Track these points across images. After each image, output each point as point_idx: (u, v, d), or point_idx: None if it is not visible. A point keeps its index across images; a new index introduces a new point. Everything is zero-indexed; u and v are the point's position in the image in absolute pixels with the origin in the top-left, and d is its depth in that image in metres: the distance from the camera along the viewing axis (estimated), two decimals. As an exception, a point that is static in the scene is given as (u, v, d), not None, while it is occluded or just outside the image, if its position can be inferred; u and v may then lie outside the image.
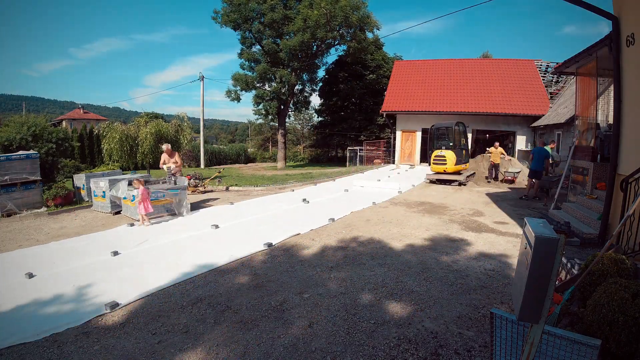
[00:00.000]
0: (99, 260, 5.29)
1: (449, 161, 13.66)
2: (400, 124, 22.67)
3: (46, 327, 3.40)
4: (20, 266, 5.03)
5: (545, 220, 1.65)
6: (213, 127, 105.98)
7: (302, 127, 51.82)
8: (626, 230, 4.10)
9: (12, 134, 11.16)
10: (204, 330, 3.36)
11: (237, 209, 9.23)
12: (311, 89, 30.62)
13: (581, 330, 2.55)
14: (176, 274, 4.70)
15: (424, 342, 3.11)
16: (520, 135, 19.99)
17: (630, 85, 5.41)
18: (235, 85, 25.92)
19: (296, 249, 5.72)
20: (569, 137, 13.70)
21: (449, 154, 13.73)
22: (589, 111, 8.07)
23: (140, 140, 13.93)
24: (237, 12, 24.00)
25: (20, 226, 7.65)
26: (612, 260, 3.07)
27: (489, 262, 5.08)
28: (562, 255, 1.48)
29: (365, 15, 23.73)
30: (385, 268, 4.85)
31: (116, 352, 3.03)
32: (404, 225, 7.23)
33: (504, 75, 21.79)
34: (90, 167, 21.04)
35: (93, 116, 51.84)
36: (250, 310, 3.72)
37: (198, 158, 31.15)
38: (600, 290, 2.62)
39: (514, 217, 8.03)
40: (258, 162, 41.54)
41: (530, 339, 1.67)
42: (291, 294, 4.09)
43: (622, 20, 5.50)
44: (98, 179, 9.22)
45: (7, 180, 8.64)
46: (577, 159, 8.37)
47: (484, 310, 3.64)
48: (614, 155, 5.71)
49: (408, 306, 3.77)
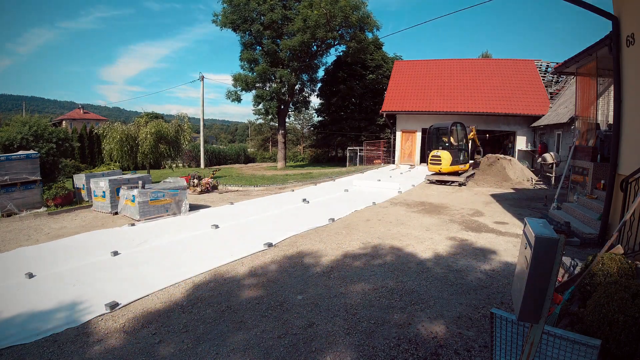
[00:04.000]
0: (99, 260, 5.29)
1: (443, 161, 13.75)
2: (400, 124, 22.67)
3: (46, 327, 3.40)
4: (20, 266, 5.03)
5: (545, 220, 1.65)
6: (213, 127, 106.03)
7: (302, 127, 51.82)
8: (626, 230, 4.10)
9: (13, 133, 11.15)
10: (204, 330, 3.36)
11: (237, 209, 9.23)
12: (311, 89, 30.63)
13: (581, 330, 2.54)
14: (176, 274, 4.70)
15: (424, 342, 3.11)
16: (521, 135, 19.99)
17: (630, 85, 5.41)
18: (235, 86, 25.94)
19: (296, 249, 5.72)
20: (568, 137, 13.71)
21: (444, 154, 13.80)
22: (589, 111, 8.07)
23: (141, 140, 13.93)
24: (237, 13, 23.99)
25: (20, 226, 7.65)
26: (612, 260, 3.07)
27: (489, 262, 5.08)
28: (562, 255, 1.48)
29: (365, 15, 23.72)
30: (385, 268, 4.85)
31: (116, 352, 3.03)
32: (404, 225, 7.23)
33: (504, 75, 21.80)
34: (90, 167, 21.03)
35: (93, 116, 51.92)
36: (250, 310, 3.72)
37: (198, 158, 31.14)
38: (600, 290, 2.62)
39: (514, 217, 8.03)
40: (258, 162, 41.51)
41: (530, 339, 1.67)
42: (291, 294, 4.08)
43: (622, 20, 5.50)
44: (98, 179, 9.22)
45: (7, 180, 8.64)
46: (577, 159, 8.37)
47: (484, 310, 3.64)
48: (614, 155, 5.71)
49: (408, 306, 3.77)
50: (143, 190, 8.05)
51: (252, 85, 25.81)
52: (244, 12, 23.95)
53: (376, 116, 30.61)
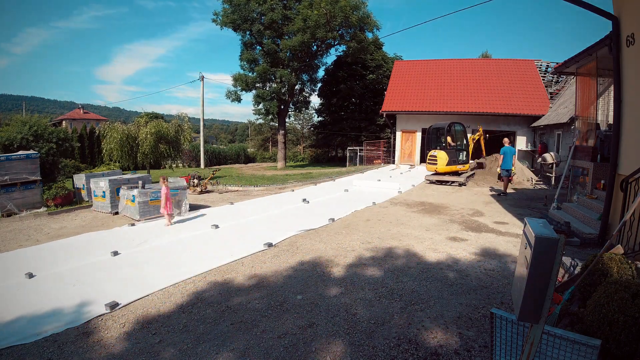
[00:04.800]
0: (99, 260, 5.30)
1: (439, 161, 13.77)
2: (400, 124, 22.67)
3: (46, 327, 3.40)
4: (21, 266, 5.03)
5: (545, 220, 1.65)
6: (213, 127, 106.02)
7: (302, 127, 51.82)
8: (626, 230, 4.10)
9: (13, 133, 11.16)
10: (204, 330, 3.36)
11: (237, 209, 9.23)
12: (311, 89, 30.65)
13: (581, 330, 2.54)
14: (176, 274, 4.70)
15: (424, 342, 3.11)
16: (521, 135, 19.98)
17: (630, 85, 5.41)
18: (235, 86, 25.96)
19: (296, 249, 5.72)
20: (568, 137, 13.70)
21: (440, 154, 13.82)
22: (589, 111, 8.07)
23: (141, 140, 13.93)
24: (237, 13, 24.00)
25: (20, 226, 7.65)
26: (612, 260, 3.07)
27: (489, 262, 5.08)
28: (562, 255, 1.48)
29: (365, 15, 23.73)
30: (385, 268, 4.85)
31: (116, 352, 3.03)
32: (404, 225, 7.23)
33: (504, 75, 21.78)
34: (90, 167, 21.03)
35: (93, 116, 51.89)
36: (250, 310, 3.72)
37: (198, 158, 31.14)
38: (600, 290, 2.62)
39: (514, 217, 8.03)
40: (258, 162, 41.52)
41: (530, 339, 1.67)
42: (291, 294, 4.08)
43: (622, 20, 5.50)
44: (98, 179, 9.22)
45: (7, 180, 8.64)
46: (577, 159, 8.37)
47: (484, 310, 3.64)
48: (614, 155, 5.71)
49: (408, 306, 3.77)
50: (143, 190, 8.05)
51: (252, 85, 25.84)
52: (245, 11, 23.97)
53: (376, 116, 30.61)
